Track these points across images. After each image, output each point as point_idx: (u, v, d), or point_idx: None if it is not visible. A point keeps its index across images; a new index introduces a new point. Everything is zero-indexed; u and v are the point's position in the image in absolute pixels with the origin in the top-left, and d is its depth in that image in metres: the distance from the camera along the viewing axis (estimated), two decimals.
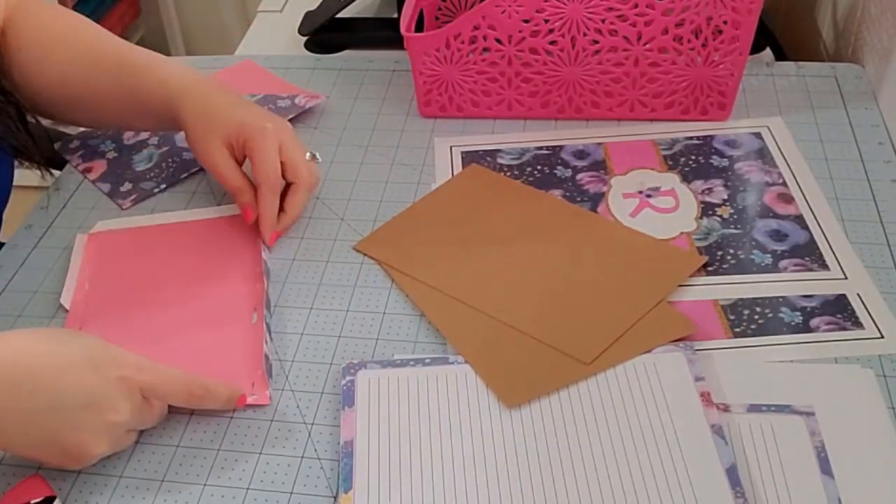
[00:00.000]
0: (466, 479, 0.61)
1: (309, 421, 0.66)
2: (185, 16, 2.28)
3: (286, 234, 0.81)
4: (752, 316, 0.70)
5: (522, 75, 0.89)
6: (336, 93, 1.00)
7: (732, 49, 0.85)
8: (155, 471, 0.64)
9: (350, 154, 0.91)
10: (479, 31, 0.86)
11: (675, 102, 0.90)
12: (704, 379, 0.65)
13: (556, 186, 0.84)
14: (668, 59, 0.87)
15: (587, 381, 0.66)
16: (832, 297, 0.71)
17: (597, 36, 0.85)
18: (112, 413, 0.59)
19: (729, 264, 0.75)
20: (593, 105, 0.91)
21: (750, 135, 0.88)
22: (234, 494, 0.62)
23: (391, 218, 0.82)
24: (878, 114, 0.90)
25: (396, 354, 0.70)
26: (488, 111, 0.92)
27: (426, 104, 0.93)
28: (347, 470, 0.62)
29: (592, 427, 0.63)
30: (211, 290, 0.75)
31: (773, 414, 0.63)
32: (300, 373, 0.70)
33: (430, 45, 0.88)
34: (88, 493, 0.63)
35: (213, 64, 1.06)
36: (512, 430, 0.63)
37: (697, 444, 0.61)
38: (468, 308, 0.72)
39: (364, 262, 0.79)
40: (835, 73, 0.96)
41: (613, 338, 0.68)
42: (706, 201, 0.81)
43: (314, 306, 0.75)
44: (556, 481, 0.60)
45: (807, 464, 0.60)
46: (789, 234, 0.77)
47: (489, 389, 0.66)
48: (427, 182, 0.86)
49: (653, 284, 0.72)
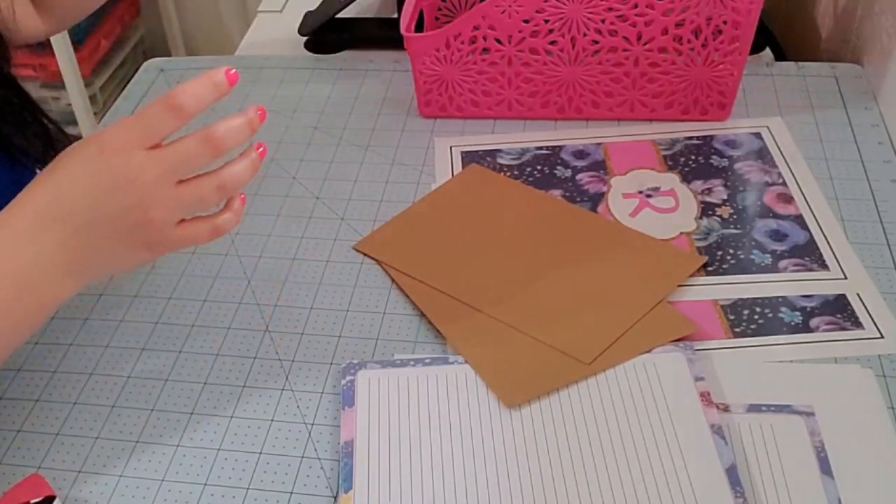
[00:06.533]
0: (466, 479, 0.61)
1: (309, 421, 0.66)
2: (185, 16, 2.28)
3: (286, 234, 0.82)
4: (752, 316, 0.70)
5: (522, 75, 0.89)
6: (336, 93, 1.00)
7: (732, 49, 0.85)
8: (155, 470, 0.64)
9: (350, 154, 0.91)
10: (479, 31, 0.86)
11: (674, 102, 0.90)
12: (704, 379, 0.65)
13: (556, 186, 0.84)
14: (667, 59, 0.87)
15: (587, 381, 0.66)
16: (832, 297, 0.71)
17: (597, 36, 0.85)
18: (132, 179, 0.55)
19: (729, 264, 0.75)
20: (593, 105, 0.91)
21: (750, 135, 0.88)
22: (234, 494, 0.62)
23: (391, 218, 0.82)
24: (878, 114, 0.90)
25: (396, 354, 0.70)
26: (488, 111, 0.93)
27: (426, 104, 0.93)
28: (347, 470, 0.62)
29: (592, 427, 0.63)
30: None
31: (772, 414, 0.63)
32: (300, 373, 0.70)
33: (430, 45, 0.88)
34: (88, 493, 0.63)
35: (214, 64, 1.06)
36: (512, 430, 0.63)
37: (697, 444, 0.61)
38: (468, 308, 0.72)
39: (364, 262, 0.79)
40: (835, 73, 0.96)
41: (613, 338, 0.68)
42: (706, 201, 0.81)
43: (314, 306, 0.75)
44: (556, 481, 0.60)
45: (807, 464, 0.60)
46: (789, 234, 0.77)
47: (489, 389, 0.66)
48: (427, 182, 0.86)
49: (653, 284, 0.72)
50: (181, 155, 0.56)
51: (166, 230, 0.58)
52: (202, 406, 0.68)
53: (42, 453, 0.66)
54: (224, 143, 0.57)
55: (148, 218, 0.56)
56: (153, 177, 0.55)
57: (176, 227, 0.58)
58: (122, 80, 2.17)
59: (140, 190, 0.55)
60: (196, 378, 0.70)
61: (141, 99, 1.02)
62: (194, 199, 0.58)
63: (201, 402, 0.68)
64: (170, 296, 0.77)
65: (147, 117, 0.56)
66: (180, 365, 0.71)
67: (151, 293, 0.77)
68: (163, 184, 0.56)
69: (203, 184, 0.58)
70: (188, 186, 0.57)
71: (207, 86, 0.56)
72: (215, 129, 0.56)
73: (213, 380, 0.70)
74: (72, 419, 0.68)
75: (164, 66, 1.07)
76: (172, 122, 0.56)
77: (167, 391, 0.69)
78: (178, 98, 0.55)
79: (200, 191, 0.58)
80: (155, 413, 0.68)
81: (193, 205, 0.58)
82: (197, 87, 0.56)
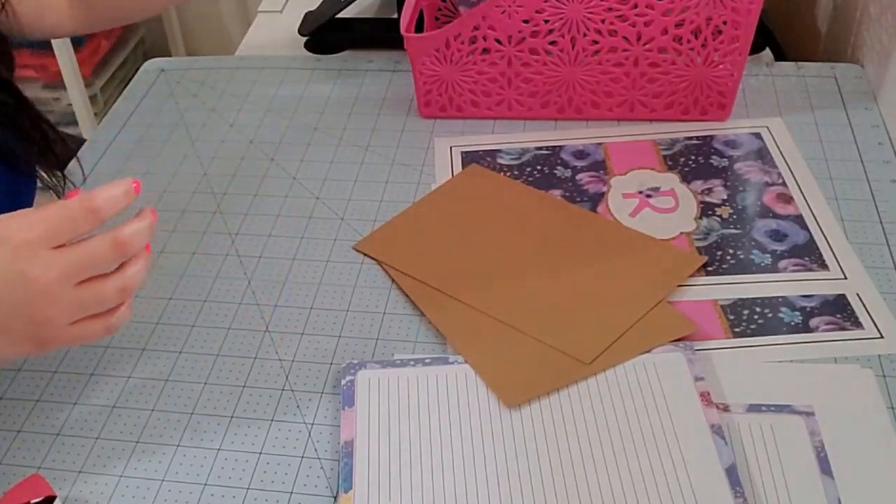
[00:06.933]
0: (466, 479, 0.61)
1: (309, 421, 0.66)
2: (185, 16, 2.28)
3: (286, 235, 0.82)
4: (752, 316, 0.70)
5: (522, 76, 0.89)
6: (336, 93, 1.00)
7: (732, 49, 0.85)
8: (155, 470, 0.64)
9: (350, 154, 0.91)
10: (478, 31, 0.86)
11: (674, 103, 0.90)
12: (704, 379, 0.65)
13: (556, 186, 0.84)
14: (667, 59, 0.87)
15: (587, 381, 0.66)
16: (832, 297, 0.71)
17: (596, 36, 0.85)
18: (35, 277, 0.54)
19: (728, 264, 0.75)
20: (593, 105, 0.91)
21: (749, 135, 0.88)
22: (234, 494, 0.62)
23: (391, 218, 0.82)
24: (877, 114, 0.90)
25: (396, 354, 0.70)
26: (488, 111, 0.93)
27: (426, 104, 0.93)
28: (347, 470, 0.62)
29: (592, 427, 0.63)
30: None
31: (772, 414, 0.63)
32: (300, 373, 0.70)
33: (430, 46, 0.88)
34: (88, 493, 0.63)
35: (214, 64, 1.06)
36: (512, 430, 0.63)
37: (697, 444, 0.61)
38: (468, 308, 0.72)
39: (364, 262, 0.79)
40: (834, 74, 0.96)
41: (613, 338, 0.68)
42: (706, 201, 0.81)
43: (314, 306, 0.75)
44: (556, 481, 0.60)
45: (806, 464, 0.60)
46: (789, 234, 0.77)
47: (489, 389, 0.66)
48: (427, 182, 0.86)
49: (653, 284, 0.72)
50: (87, 257, 0.55)
51: (60, 329, 0.56)
52: (202, 406, 0.68)
53: (42, 453, 0.66)
54: (131, 246, 0.56)
55: (44, 317, 0.55)
56: (55, 277, 0.54)
57: (70, 326, 0.56)
58: (122, 81, 2.17)
59: (41, 289, 0.54)
60: (196, 378, 0.70)
61: (141, 99, 1.02)
62: (94, 302, 0.56)
63: (201, 402, 0.68)
64: (170, 296, 0.77)
65: (60, 217, 0.54)
66: (180, 365, 0.71)
67: (152, 294, 0.77)
68: (64, 285, 0.54)
69: (106, 286, 0.56)
70: (89, 288, 0.56)
71: (120, 193, 0.55)
72: (122, 232, 0.55)
73: (214, 380, 0.70)
74: (72, 419, 0.68)
75: (164, 66, 1.07)
76: (89, 224, 0.54)
77: (167, 391, 0.69)
78: (97, 201, 0.54)
79: (102, 293, 0.56)
80: (155, 413, 0.68)
81: (93, 307, 0.56)
82: (113, 191, 0.55)
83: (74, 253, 0.54)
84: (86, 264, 0.55)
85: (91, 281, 0.55)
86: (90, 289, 0.56)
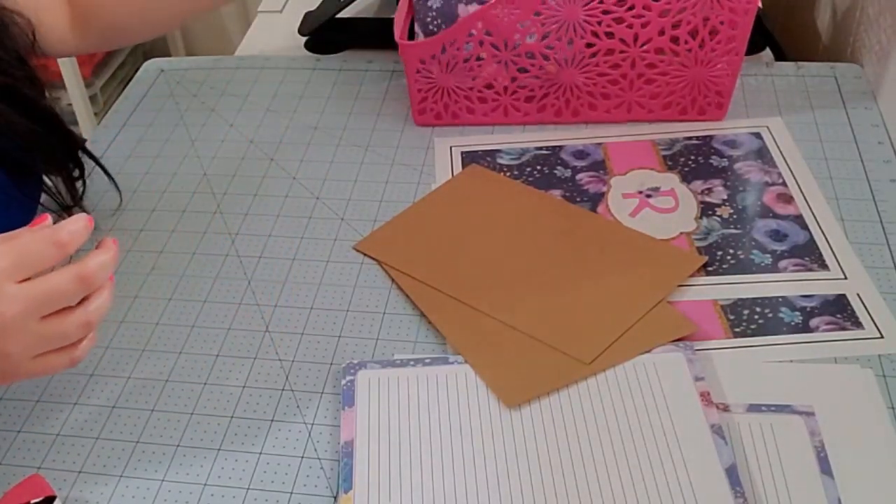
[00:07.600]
0: (466, 479, 0.61)
1: (309, 421, 0.66)
2: None
3: (286, 235, 0.82)
4: (752, 316, 0.70)
5: (519, 80, 0.89)
6: (336, 93, 1.00)
7: (729, 49, 0.85)
8: (155, 470, 0.64)
9: (350, 154, 0.91)
10: (474, 36, 0.86)
11: (672, 103, 0.90)
12: (704, 379, 0.65)
13: (556, 186, 0.84)
14: (664, 60, 0.87)
15: (587, 381, 0.66)
16: (832, 297, 0.71)
17: (593, 39, 0.85)
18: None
19: (729, 264, 0.75)
20: (591, 108, 0.91)
21: (749, 135, 0.88)
22: (234, 494, 0.62)
23: (391, 218, 0.82)
24: (877, 114, 0.90)
25: (396, 354, 0.70)
26: (484, 118, 0.92)
27: (420, 112, 0.93)
28: (347, 470, 0.62)
29: (592, 427, 0.63)
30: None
31: (772, 414, 0.63)
32: (300, 373, 0.70)
33: (425, 52, 0.88)
34: (88, 493, 0.63)
35: (214, 64, 1.06)
36: (512, 430, 0.63)
37: (697, 443, 0.61)
38: (468, 308, 0.72)
39: (364, 262, 0.79)
40: (834, 73, 0.96)
41: (613, 338, 0.68)
42: (706, 201, 0.81)
43: (314, 306, 0.75)
44: (556, 481, 0.60)
45: (806, 464, 0.60)
46: (789, 234, 0.77)
47: (489, 389, 0.66)
48: (427, 182, 0.86)
49: (653, 284, 0.72)
50: (51, 292, 0.54)
51: (22, 363, 0.55)
52: (202, 406, 0.68)
53: (42, 454, 0.66)
54: (96, 280, 0.55)
55: (5, 352, 0.54)
56: (18, 311, 0.53)
57: (32, 360, 0.55)
58: (122, 81, 2.17)
59: (3, 324, 0.53)
60: (196, 378, 0.70)
61: (141, 99, 1.02)
62: (57, 336, 0.55)
63: (201, 402, 0.68)
64: (170, 296, 0.77)
65: (25, 250, 0.53)
66: (180, 365, 0.71)
67: (152, 294, 0.77)
68: (27, 319, 0.53)
69: (69, 321, 0.55)
70: (53, 323, 0.54)
71: (82, 227, 0.54)
72: (86, 267, 0.54)
73: (214, 380, 0.70)
74: (72, 419, 0.68)
75: (164, 67, 1.07)
76: (54, 257, 0.54)
77: (167, 391, 0.69)
78: (63, 235, 0.53)
79: (65, 328, 0.55)
80: (155, 413, 0.68)
81: (56, 341, 0.55)
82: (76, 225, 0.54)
83: (38, 288, 0.53)
84: (50, 299, 0.54)
85: (54, 315, 0.54)
86: (53, 324, 0.55)
